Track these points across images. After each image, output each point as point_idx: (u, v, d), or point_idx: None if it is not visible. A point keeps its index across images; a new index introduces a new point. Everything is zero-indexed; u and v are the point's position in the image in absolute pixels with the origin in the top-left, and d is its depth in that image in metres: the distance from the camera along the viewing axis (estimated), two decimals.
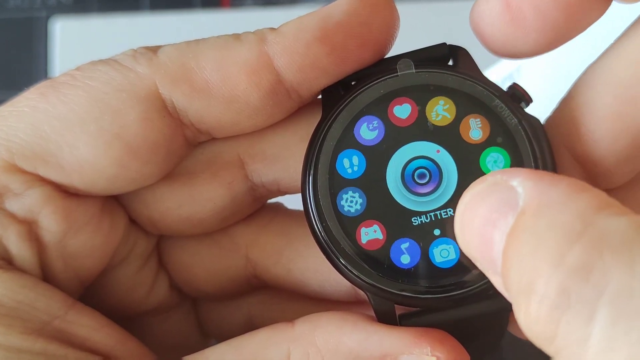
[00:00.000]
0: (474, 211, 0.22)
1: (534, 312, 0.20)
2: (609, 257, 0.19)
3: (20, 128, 0.28)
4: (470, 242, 0.23)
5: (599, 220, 0.19)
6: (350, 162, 0.28)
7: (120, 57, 0.29)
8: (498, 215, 0.21)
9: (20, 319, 0.26)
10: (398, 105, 0.28)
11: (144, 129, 0.28)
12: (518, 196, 0.21)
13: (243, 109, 0.28)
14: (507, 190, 0.21)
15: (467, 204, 0.23)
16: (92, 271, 0.30)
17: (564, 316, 0.19)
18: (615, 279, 0.18)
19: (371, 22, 0.27)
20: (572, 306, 0.19)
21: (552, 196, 0.20)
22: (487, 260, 0.22)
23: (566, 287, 0.19)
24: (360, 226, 0.27)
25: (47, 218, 0.28)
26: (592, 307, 0.18)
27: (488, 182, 0.22)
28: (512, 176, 0.22)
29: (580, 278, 0.19)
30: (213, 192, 0.30)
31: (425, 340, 0.26)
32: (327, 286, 0.32)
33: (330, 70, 0.28)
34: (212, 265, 0.33)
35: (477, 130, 0.27)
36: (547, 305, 0.19)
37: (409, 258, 0.27)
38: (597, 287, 0.18)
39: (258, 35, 0.28)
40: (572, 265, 0.19)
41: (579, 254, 0.19)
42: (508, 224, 0.21)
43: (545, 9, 0.26)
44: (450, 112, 0.28)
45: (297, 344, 0.27)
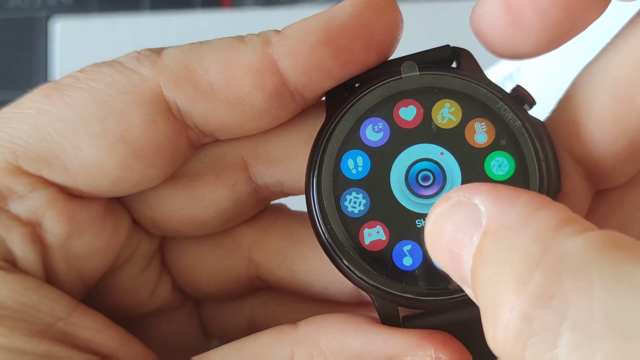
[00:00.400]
0: (442, 229, 0.23)
1: (501, 339, 0.20)
2: (569, 281, 0.19)
3: (24, 130, 0.28)
4: (440, 259, 0.23)
5: (556, 243, 0.20)
6: (355, 164, 0.28)
7: (124, 59, 0.28)
8: (463, 234, 0.22)
9: (24, 321, 0.26)
10: (403, 107, 0.28)
11: (148, 131, 0.28)
12: (481, 215, 0.21)
13: (247, 111, 0.28)
14: (470, 208, 0.22)
15: (434, 222, 0.23)
16: (96, 273, 0.30)
17: (529, 342, 0.19)
18: (575, 304, 0.19)
19: (375, 25, 0.27)
20: (535, 333, 0.19)
21: (511, 216, 0.21)
22: (460, 276, 0.23)
23: (529, 315, 0.19)
24: (363, 227, 0.27)
25: (51, 220, 0.28)
26: (555, 333, 0.19)
27: (452, 200, 0.23)
28: (474, 193, 0.22)
29: (541, 305, 0.19)
30: (216, 193, 0.30)
31: (429, 342, 0.26)
32: (330, 287, 0.32)
33: (334, 72, 0.28)
34: (215, 266, 0.33)
35: (482, 134, 0.28)
36: (512, 332, 0.19)
37: (411, 260, 0.27)
38: (558, 313, 0.19)
39: (262, 37, 0.28)
40: (533, 293, 0.19)
41: (539, 281, 0.19)
42: (474, 243, 0.21)
43: (546, 8, 0.26)
44: (456, 115, 0.28)
45: (301, 346, 0.27)
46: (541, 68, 0.45)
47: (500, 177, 0.27)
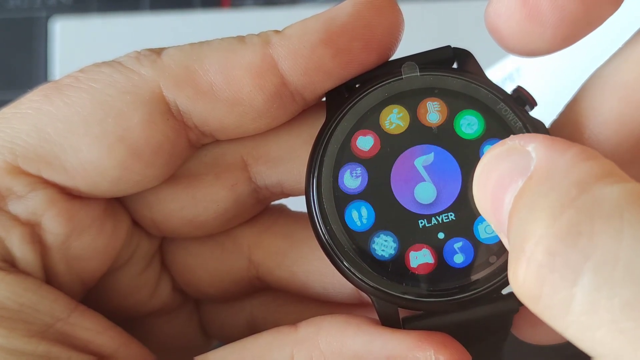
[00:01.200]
0: (489, 173, 0.23)
1: (522, 272, 0.20)
2: (599, 223, 0.19)
3: (24, 130, 0.28)
4: (484, 203, 0.23)
5: (595, 188, 0.20)
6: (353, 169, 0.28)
7: (123, 59, 0.28)
8: (510, 179, 0.22)
9: (23, 322, 0.26)
10: (390, 114, 0.28)
11: (148, 131, 0.28)
12: (531, 161, 0.22)
13: (247, 111, 0.28)
14: (522, 155, 0.22)
15: (484, 166, 0.23)
16: (95, 273, 0.30)
17: (549, 277, 0.19)
18: (602, 246, 0.19)
19: (376, 25, 0.27)
20: (557, 269, 0.19)
21: (559, 163, 0.21)
22: (497, 222, 0.23)
23: (554, 250, 0.19)
24: (371, 236, 0.27)
25: (50, 220, 0.28)
26: (576, 272, 0.19)
27: (506, 146, 0.23)
28: (529, 141, 0.22)
29: (568, 242, 0.19)
30: (216, 194, 0.30)
31: (429, 344, 0.26)
32: (330, 288, 0.32)
33: (334, 72, 0.28)
34: (215, 267, 0.33)
35: (472, 125, 0.27)
36: (534, 265, 0.20)
37: (412, 261, 0.27)
38: (583, 253, 0.19)
39: (262, 37, 0.28)
40: (562, 228, 0.19)
41: (570, 219, 0.19)
42: (517, 187, 0.22)
43: (563, 3, 0.25)
44: (442, 111, 0.28)
45: (301, 347, 0.27)
46: (541, 69, 0.45)
47: None
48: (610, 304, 0.18)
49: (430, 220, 0.27)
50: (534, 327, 0.30)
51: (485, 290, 0.27)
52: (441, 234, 0.27)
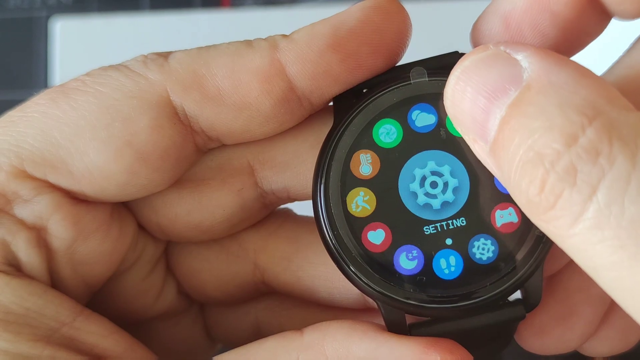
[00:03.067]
0: (470, 78, 0.23)
1: (539, 183, 0.21)
2: (617, 145, 0.20)
3: (30, 134, 0.27)
4: (460, 107, 0.23)
5: (610, 111, 0.21)
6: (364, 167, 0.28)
7: (130, 63, 0.28)
8: (497, 87, 0.22)
9: (29, 326, 0.26)
10: (417, 111, 0.28)
11: (155, 136, 0.28)
12: (522, 70, 0.22)
13: (254, 116, 0.28)
14: (510, 62, 0.22)
15: (463, 70, 0.23)
16: (101, 277, 0.30)
17: (567, 190, 0.20)
18: (618, 165, 0.20)
19: (384, 30, 0.27)
20: (576, 183, 0.20)
21: (561, 77, 0.21)
22: (476, 127, 0.23)
23: (575, 166, 0.20)
24: (366, 228, 0.27)
25: (56, 224, 0.28)
26: (594, 187, 0.20)
27: (489, 52, 0.23)
28: (517, 50, 0.22)
29: (588, 159, 0.20)
30: (222, 199, 0.30)
31: (435, 350, 0.26)
32: (336, 293, 0.32)
33: (342, 77, 0.28)
34: (220, 271, 0.33)
35: None
36: (554, 178, 0.20)
37: (412, 265, 0.27)
38: (601, 170, 0.20)
39: (270, 42, 0.28)
40: (584, 147, 0.20)
41: (591, 138, 0.20)
42: (510, 96, 0.22)
43: (544, 29, 0.26)
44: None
45: (307, 353, 0.27)
46: None
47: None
48: (617, 220, 0.20)
49: (436, 226, 0.27)
50: (540, 336, 0.30)
51: (491, 298, 0.27)
52: (449, 240, 0.27)
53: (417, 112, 0.28)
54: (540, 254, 0.27)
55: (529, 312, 0.28)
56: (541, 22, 0.26)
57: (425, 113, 0.28)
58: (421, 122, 0.28)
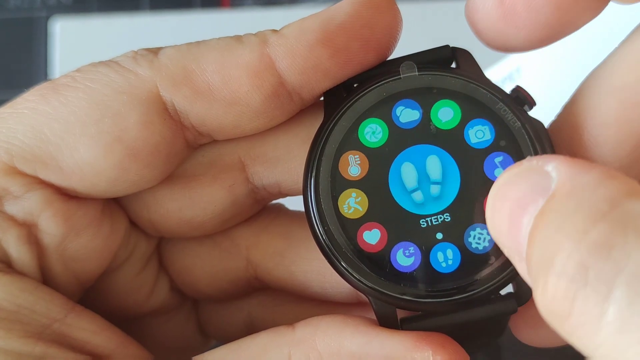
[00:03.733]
0: (506, 195, 0.22)
1: (551, 288, 0.19)
2: (633, 237, 0.18)
3: (20, 130, 0.27)
4: (499, 226, 0.23)
5: (626, 203, 0.19)
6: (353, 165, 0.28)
7: (120, 59, 0.28)
8: (529, 199, 0.21)
9: (20, 323, 0.26)
10: (401, 108, 0.28)
11: (145, 131, 0.28)
12: (551, 181, 0.21)
13: (244, 111, 0.28)
14: (541, 175, 0.22)
15: (500, 187, 0.23)
16: (92, 274, 0.30)
17: (581, 292, 0.19)
18: (635, 258, 0.18)
19: (374, 24, 0.27)
20: (589, 283, 0.18)
21: (584, 180, 0.20)
22: (514, 244, 0.22)
23: (585, 263, 0.19)
24: (361, 229, 0.27)
25: (47, 221, 0.28)
26: (609, 285, 0.18)
27: (523, 167, 0.22)
28: (547, 161, 0.22)
29: (600, 255, 0.19)
30: (214, 194, 0.30)
31: (427, 344, 0.26)
32: (328, 288, 0.32)
33: (332, 72, 0.28)
34: (213, 267, 0.33)
35: (481, 135, 0.27)
36: (565, 280, 0.19)
37: (409, 261, 0.27)
38: (616, 266, 0.18)
39: (260, 37, 0.28)
40: (594, 242, 0.19)
41: (602, 232, 0.19)
42: (538, 207, 0.21)
43: (538, 6, 0.26)
44: (454, 116, 0.28)
45: (298, 347, 0.27)
46: (541, 69, 0.45)
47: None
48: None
49: (430, 220, 0.27)
50: (535, 329, 0.30)
51: (484, 291, 0.27)
52: (439, 234, 0.27)
53: (401, 108, 0.28)
54: None
55: (520, 306, 0.27)
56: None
57: (409, 109, 0.28)
58: (406, 118, 0.28)
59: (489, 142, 0.27)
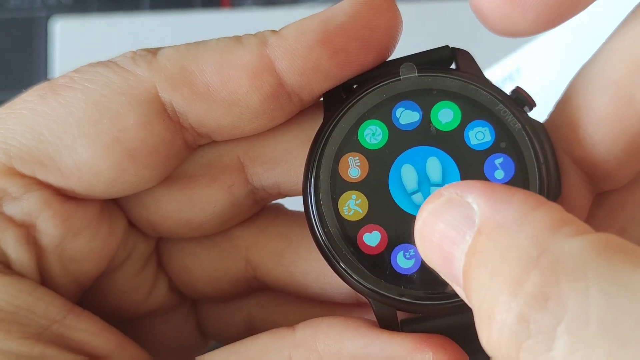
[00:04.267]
0: (432, 227, 0.22)
1: (496, 340, 0.20)
2: (565, 284, 0.19)
3: (19, 131, 0.27)
4: (431, 257, 0.23)
5: (553, 244, 0.20)
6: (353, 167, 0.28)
7: (119, 60, 0.28)
8: (456, 233, 0.22)
9: (19, 324, 0.26)
10: (401, 109, 0.28)
11: (144, 132, 0.27)
12: (474, 213, 0.21)
13: (244, 112, 0.28)
14: (463, 206, 0.22)
15: (425, 219, 0.23)
16: (91, 274, 0.30)
17: (524, 344, 0.19)
18: (571, 306, 0.19)
19: (374, 25, 0.27)
20: (531, 335, 0.19)
21: (507, 215, 0.21)
22: (450, 275, 0.22)
23: (525, 316, 0.19)
24: (361, 231, 0.27)
25: (46, 222, 0.28)
26: (550, 335, 0.19)
27: (444, 198, 0.22)
28: (466, 191, 0.22)
29: (538, 306, 0.19)
30: (213, 195, 0.30)
31: (427, 346, 0.26)
32: (328, 289, 0.32)
33: (332, 73, 0.27)
34: (212, 267, 0.33)
35: (481, 136, 0.27)
36: (507, 333, 0.19)
37: (410, 264, 0.27)
38: (554, 315, 0.19)
39: (259, 37, 0.28)
40: (530, 293, 0.19)
41: (536, 282, 0.19)
42: (466, 242, 0.21)
43: None
44: (454, 117, 0.27)
45: (299, 349, 0.27)
46: (541, 69, 0.45)
47: (499, 180, 0.27)
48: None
49: None
50: None
51: None
52: None
53: (401, 109, 0.28)
54: None
55: None
56: None
57: (409, 110, 0.28)
58: (405, 119, 0.28)
59: (489, 144, 0.27)
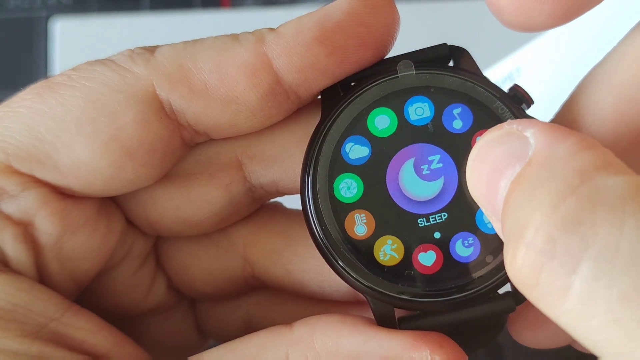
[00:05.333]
0: (485, 157, 0.23)
1: (520, 260, 0.20)
2: (601, 213, 0.19)
3: (16, 129, 0.27)
4: (477, 187, 0.23)
5: (597, 177, 0.20)
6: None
7: (117, 58, 0.28)
8: (506, 163, 0.22)
9: (17, 322, 0.26)
10: (408, 105, 0.28)
11: (141, 130, 0.27)
12: (529, 147, 0.22)
13: (241, 110, 0.28)
14: (520, 140, 0.22)
15: (480, 149, 0.23)
16: (89, 273, 0.30)
17: (548, 264, 0.19)
18: (603, 235, 0.19)
19: (371, 22, 0.27)
20: (556, 256, 0.19)
21: (559, 150, 0.21)
22: (491, 206, 0.23)
23: (553, 237, 0.19)
24: (351, 212, 0.27)
25: (43, 220, 0.28)
26: (576, 259, 0.19)
27: (503, 130, 0.23)
28: (527, 127, 0.22)
29: (568, 230, 0.19)
30: (211, 193, 0.30)
31: (425, 344, 0.26)
32: (326, 287, 0.32)
33: (329, 71, 0.27)
34: (210, 265, 0.33)
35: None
36: (533, 252, 0.20)
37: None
38: (584, 241, 0.19)
39: (257, 35, 0.28)
40: (563, 216, 0.19)
41: (571, 207, 0.19)
42: (514, 172, 0.22)
43: None
44: (463, 118, 0.27)
45: (296, 347, 0.27)
46: (541, 69, 0.45)
47: None
48: (608, 293, 0.18)
49: (429, 219, 0.27)
50: (534, 330, 0.30)
51: (481, 290, 0.27)
52: (437, 233, 0.27)
53: (413, 104, 0.28)
54: None
55: (519, 305, 0.27)
56: None
57: (421, 106, 0.28)
58: (416, 115, 0.27)
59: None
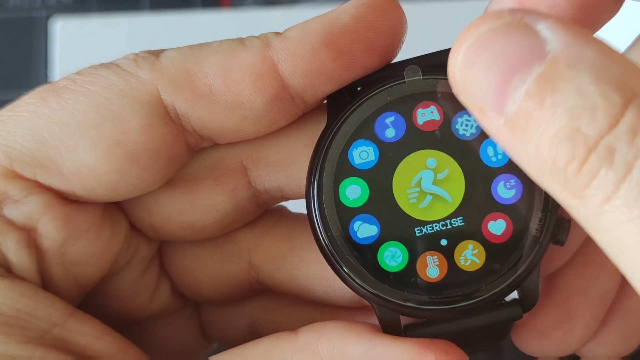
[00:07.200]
0: (486, 46, 0.21)
1: (579, 161, 0.20)
2: None
3: (20, 133, 0.27)
4: (472, 75, 0.21)
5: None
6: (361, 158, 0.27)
7: (121, 62, 0.28)
8: (517, 58, 0.21)
9: (20, 328, 0.26)
10: (417, 111, 0.27)
11: (146, 135, 0.27)
12: (545, 44, 0.21)
13: (247, 115, 0.28)
14: (529, 34, 0.21)
15: (478, 39, 0.21)
16: (93, 278, 0.30)
17: (604, 170, 0.20)
18: None
19: (378, 27, 0.27)
20: (614, 163, 0.20)
21: (589, 52, 0.20)
22: (491, 98, 0.21)
23: (614, 146, 0.20)
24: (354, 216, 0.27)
25: (47, 225, 0.28)
26: (629, 167, 0.19)
27: (505, 20, 0.21)
28: (536, 19, 0.21)
29: (626, 140, 0.20)
30: (215, 198, 0.30)
31: (431, 351, 0.26)
32: (331, 292, 0.32)
33: (335, 75, 0.27)
34: (215, 270, 0.33)
35: (497, 154, 0.27)
36: (594, 158, 0.20)
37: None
38: (637, 150, 0.19)
39: (262, 40, 0.27)
40: (624, 129, 0.20)
41: (631, 119, 0.20)
42: (534, 69, 0.20)
43: (561, 9, 0.25)
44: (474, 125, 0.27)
45: (301, 354, 0.27)
46: None
47: (507, 198, 0.27)
48: None
49: (434, 227, 0.27)
50: (539, 340, 0.30)
51: (488, 298, 0.26)
52: (443, 240, 0.27)
53: (421, 110, 0.27)
54: (537, 254, 0.26)
55: (525, 313, 0.27)
56: (559, 2, 0.25)
57: (428, 112, 0.27)
58: (423, 119, 0.27)
59: (501, 163, 0.27)
